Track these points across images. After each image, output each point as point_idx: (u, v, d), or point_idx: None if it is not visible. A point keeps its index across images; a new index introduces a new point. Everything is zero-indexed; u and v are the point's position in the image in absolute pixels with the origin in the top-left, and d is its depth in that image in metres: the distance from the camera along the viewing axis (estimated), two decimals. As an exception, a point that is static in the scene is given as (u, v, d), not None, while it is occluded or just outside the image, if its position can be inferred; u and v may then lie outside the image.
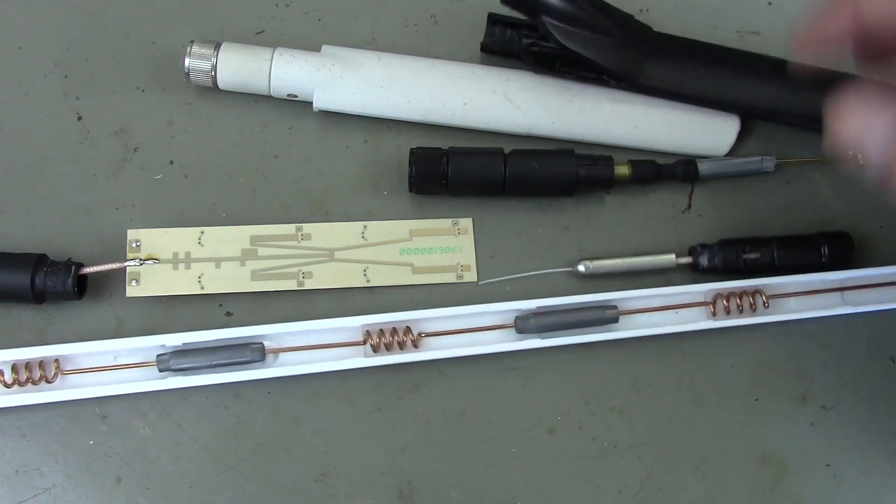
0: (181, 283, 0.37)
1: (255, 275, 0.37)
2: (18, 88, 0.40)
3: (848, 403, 0.38)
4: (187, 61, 0.39)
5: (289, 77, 0.39)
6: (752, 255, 0.38)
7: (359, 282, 0.38)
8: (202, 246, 0.37)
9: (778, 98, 0.40)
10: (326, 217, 0.39)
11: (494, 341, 0.37)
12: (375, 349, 0.36)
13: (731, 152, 0.41)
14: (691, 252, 0.39)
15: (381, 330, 0.36)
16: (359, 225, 0.39)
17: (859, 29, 0.28)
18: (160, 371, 0.35)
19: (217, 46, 0.39)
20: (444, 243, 0.39)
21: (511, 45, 0.41)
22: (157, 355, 0.35)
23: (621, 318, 0.37)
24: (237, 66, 0.39)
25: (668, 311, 0.38)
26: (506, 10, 0.39)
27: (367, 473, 0.36)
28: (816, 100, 0.40)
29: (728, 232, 0.40)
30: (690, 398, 0.38)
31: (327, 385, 0.36)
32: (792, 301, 0.38)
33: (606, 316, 0.37)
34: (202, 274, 0.37)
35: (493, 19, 0.41)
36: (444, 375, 0.37)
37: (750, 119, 0.41)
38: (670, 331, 0.37)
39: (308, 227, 0.38)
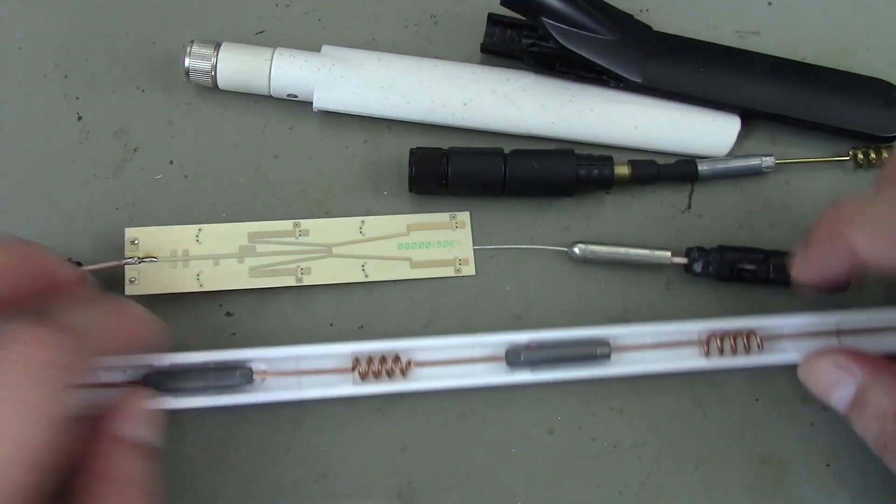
0: (180, 281, 0.37)
1: (254, 271, 0.37)
2: (18, 88, 0.41)
3: (848, 403, 0.38)
4: (187, 61, 0.39)
5: (289, 77, 0.39)
6: (748, 267, 0.38)
7: (357, 277, 0.38)
8: (200, 243, 0.37)
9: (778, 98, 0.40)
10: (326, 217, 0.39)
11: (484, 373, 0.36)
12: (363, 377, 0.35)
13: (731, 152, 0.41)
14: (687, 254, 0.39)
15: (370, 358, 0.35)
16: (356, 220, 0.39)
17: (853, 263, 0.31)
18: None
19: (217, 46, 0.39)
20: (441, 237, 0.39)
21: (511, 46, 0.41)
22: (145, 375, 0.34)
23: (613, 355, 0.36)
24: (237, 66, 0.39)
25: (661, 348, 0.37)
26: (505, 11, 0.39)
27: (367, 473, 0.36)
28: (817, 100, 0.41)
29: (728, 232, 0.40)
30: (690, 398, 0.38)
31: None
32: (787, 342, 0.37)
33: (598, 353, 0.36)
34: (200, 271, 0.37)
35: (493, 20, 0.41)
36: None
37: (750, 119, 0.41)
38: (663, 369, 0.37)
39: (306, 223, 0.38)
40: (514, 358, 0.36)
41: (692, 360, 0.37)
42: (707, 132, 0.41)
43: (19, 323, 0.25)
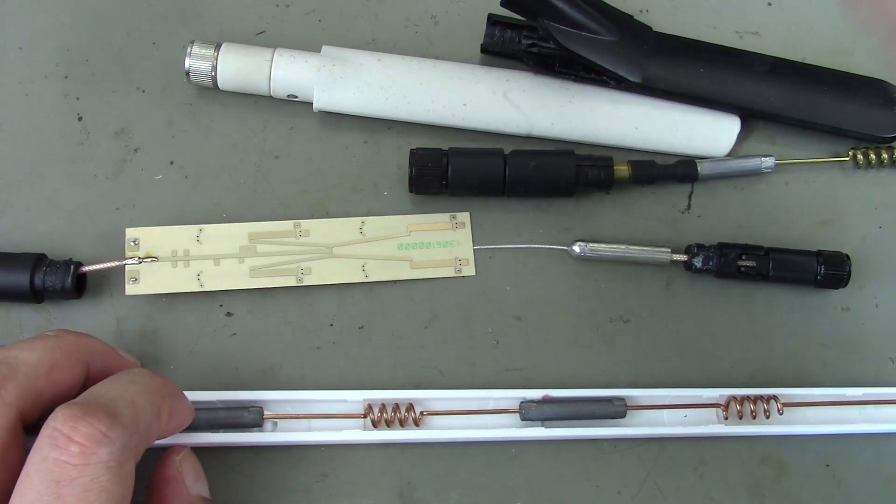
0: (180, 281, 0.37)
1: (254, 272, 0.37)
2: (19, 88, 0.41)
3: (848, 404, 0.38)
4: (187, 62, 0.39)
5: (289, 77, 0.39)
6: (748, 263, 0.38)
7: (357, 277, 0.38)
8: (200, 243, 0.37)
9: (778, 98, 0.40)
10: (327, 217, 0.39)
11: (497, 425, 0.36)
12: (375, 424, 0.35)
13: (731, 152, 0.41)
14: (687, 251, 0.39)
15: (383, 405, 0.35)
16: (357, 221, 0.39)
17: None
18: None
19: (217, 47, 0.39)
20: (441, 238, 0.39)
21: (511, 46, 0.41)
22: None
23: (629, 414, 0.36)
24: (237, 67, 0.39)
25: (677, 409, 0.37)
26: (505, 12, 0.38)
27: (367, 473, 0.36)
28: (816, 100, 0.41)
29: (728, 232, 0.40)
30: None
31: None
32: (808, 411, 0.37)
33: (614, 409, 0.35)
34: (201, 271, 0.37)
35: (493, 20, 0.41)
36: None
37: (750, 119, 0.41)
38: (679, 433, 0.36)
39: (306, 224, 0.38)
40: (528, 412, 0.35)
41: (712, 426, 0.36)
42: (707, 132, 0.41)
43: (69, 419, 0.25)
